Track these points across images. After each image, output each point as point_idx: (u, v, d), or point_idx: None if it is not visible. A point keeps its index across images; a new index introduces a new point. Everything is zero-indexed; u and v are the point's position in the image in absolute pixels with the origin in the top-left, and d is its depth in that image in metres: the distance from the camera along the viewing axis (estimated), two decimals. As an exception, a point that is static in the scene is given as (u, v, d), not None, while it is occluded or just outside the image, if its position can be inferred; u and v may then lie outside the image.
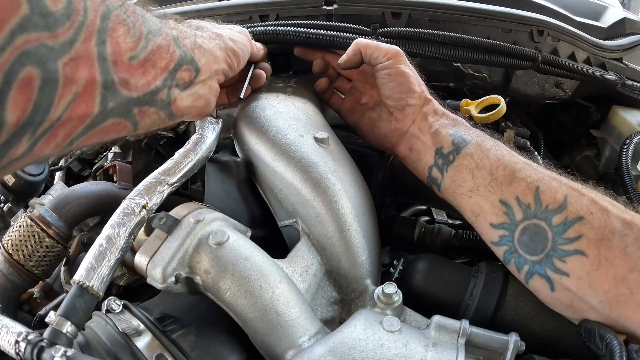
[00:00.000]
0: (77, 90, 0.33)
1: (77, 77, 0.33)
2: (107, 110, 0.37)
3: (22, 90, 0.29)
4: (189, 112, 0.51)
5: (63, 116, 0.33)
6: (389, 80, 0.63)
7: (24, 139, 0.31)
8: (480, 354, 0.45)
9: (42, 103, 0.31)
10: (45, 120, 0.32)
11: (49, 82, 0.31)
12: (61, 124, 0.33)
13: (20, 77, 0.28)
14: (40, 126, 0.32)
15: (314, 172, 0.55)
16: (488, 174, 0.53)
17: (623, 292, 0.44)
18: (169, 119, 0.47)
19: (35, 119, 0.31)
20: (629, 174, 0.82)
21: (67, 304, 0.42)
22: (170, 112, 0.46)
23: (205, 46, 0.51)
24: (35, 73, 0.29)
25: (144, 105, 0.42)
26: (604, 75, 0.92)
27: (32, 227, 0.60)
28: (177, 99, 0.47)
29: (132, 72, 0.39)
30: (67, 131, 0.35)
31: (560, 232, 0.47)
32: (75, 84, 0.33)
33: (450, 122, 0.60)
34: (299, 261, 0.53)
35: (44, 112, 0.31)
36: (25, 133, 0.31)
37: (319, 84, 0.72)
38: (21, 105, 0.29)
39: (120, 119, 0.40)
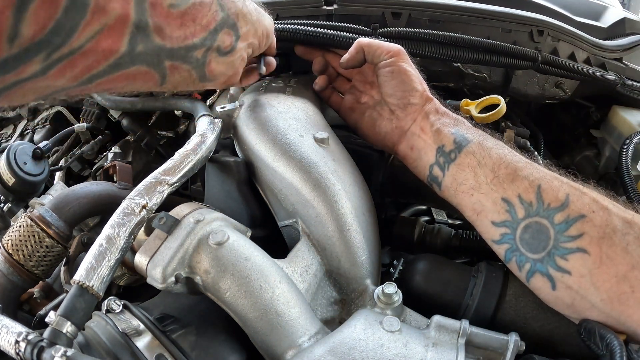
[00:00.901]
0: (107, 22, 0.31)
1: (110, 8, 0.31)
2: (134, 52, 0.35)
3: (46, 5, 0.27)
4: (218, 79, 0.49)
5: (86, 46, 0.31)
6: (391, 78, 0.63)
7: (37, 58, 0.29)
8: (480, 354, 0.45)
9: (65, 25, 0.29)
10: (65, 44, 0.30)
11: (77, 4, 0.29)
12: (83, 54, 0.31)
13: None
14: (59, 50, 0.30)
15: (314, 172, 0.55)
16: (490, 172, 0.53)
17: (624, 290, 0.44)
18: (199, 81, 0.46)
19: (54, 40, 0.29)
20: (629, 174, 0.82)
21: (67, 304, 0.42)
22: (203, 73, 0.45)
23: (249, 16, 0.49)
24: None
25: (176, 60, 0.40)
26: (604, 75, 0.92)
27: (32, 227, 0.60)
28: (213, 62, 0.45)
29: (170, 20, 0.37)
30: (89, 64, 0.33)
31: (562, 230, 0.47)
32: (105, 15, 0.31)
33: (451, 122, 0.60)
34: (299, 261, 0.53)
35: (66, 36, 0.29)
36: (39, 52, 0.29)
37: (318, 82, 0.72)
38: (41, 21, 0.27)
39: (148, 68, 0.38)
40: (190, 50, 0.41)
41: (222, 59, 0.46)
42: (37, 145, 0.83)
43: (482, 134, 0.58)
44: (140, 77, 0.38)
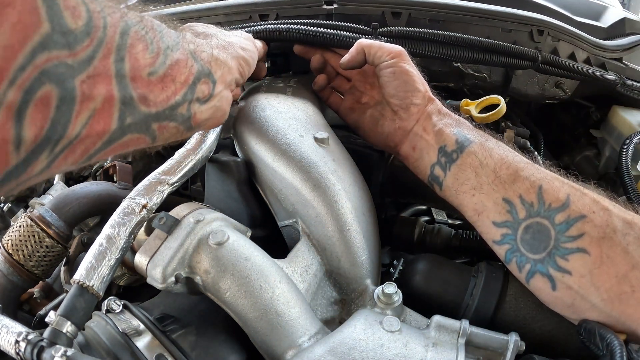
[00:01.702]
0: (95, 107, 0.33)
1: (95, 94, 0.33)
2: (125, 126, 0.37)
3: (39, 108, 0.29)
4: (206, 124, 0.51)
5: (82, 133, 0.33)
6: (393, 79, 0.63)
7: (43, 156, 0.31)
8: (480, 354, 0.45)
9: (59, 120, 0.30)
10: (63, 137, 0.31)
11: (67, 100, 0.30)
12: (80, 141, 0.33)
13: (39, 95, 0.29)
14: (59, 143, 0.31)
15: (314, 172, 0.55)
16: (492, 172, 0.53)
17: (624, 290, 0.44)
18: (187, 131, 0.47)
19: (53, 137, 0.31)
20: (629, 174, 0.82)
21: (67, 304, 0.42)
22: (189, 125, 0.47)
23: (221, 58, 0.51)
24: (53, 91, 0.29)
25: (163, 121, 0.42)
26: (604, 75, 0.92)
27: (32, 227, 0.60)
28: (197, 112, 0.47)
29: (151, 87, 0.39)
30: (86, 147, 0.34)
31: (563, 230, 0.47)
32: (92, 101, 0.33)
33: (453, 122, 0.60)
34: (299, 261, 0.53)
35: (62, 130, 0.31)
36: (43, 150, 0.31)
37: (317, 81, 0.72)
38: (38, 123, 0.29)
39: (139, 134, 0.39)
40: (174, 109, 0.42)
41: (204, 107, 0.48)
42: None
43: (483, 134, 0.58)
44: (132, 143, 0.40)
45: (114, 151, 0.38)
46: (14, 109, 0.27)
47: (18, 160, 0.29)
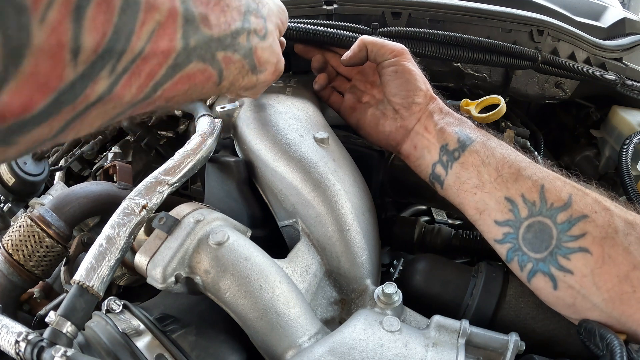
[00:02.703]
0: (159, 19, 0.30)
1: (159, 3, 0.29)
2: (189, 47, 0.34)
3: (102, 8, 0.25)
4: (267, 68, 0.48)
5: (146, 49, 0.29)
6: (395, 77, 0.63)
7: (104, 73, 0.27)
8: (480, 354, 0.45)
9: (123, 28, 0.26)
10: (127, 50, 0.27)
11: (131, 4, 0.27)
12: (144, 59, 0.30)
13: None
14: (122, 58, 0.28)
15: (314, 172, 0.55)
16: (494, 171, 0.53)
17: (626, 290, 0.44)
18: (252, 73, 0.45)
19: (116, 47, 0.27)
20: (629, 174, 0.82)
21: (67, 304, 0.42)
22: (253, 63, 0.44)
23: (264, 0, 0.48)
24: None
25: (227, 50, 0.39)
26: (604, 75, 0.92)
27: (32, 227, 0.60)
28: (258, 47, 0.44)
29: (211, 7, 0.36)
30: (151, 69, 0.31)
31: (565, 230, 0.47)
32: (157, 11, 0.29)
33: (455, 121, 0.60)
34: (299, 261, 0.53)
35: (126, 40, 0.27)
36: (105, 64, 0.26)
37: (318, 80, 0.72)
38: (100, 27, 0.25)
39: (204, 64, 0.37)
40: (235, 37, 0.40)
41: (263, 44, 0.45)
42: (37, 145, 0.82)
43: (485, 133, 0.58)
44: (199, 76, 0.37)
45: (181, 83, 0.35)
46: (72, 3, 0.23)
47: (75, 75, 0.25)
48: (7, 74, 0.22)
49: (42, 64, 0.23)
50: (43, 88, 0.24)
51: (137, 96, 0.31)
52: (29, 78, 0.23)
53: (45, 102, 0.24)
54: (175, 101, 0.37)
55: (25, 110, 0.24)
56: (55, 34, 0.23)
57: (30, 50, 0.22)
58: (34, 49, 0.22)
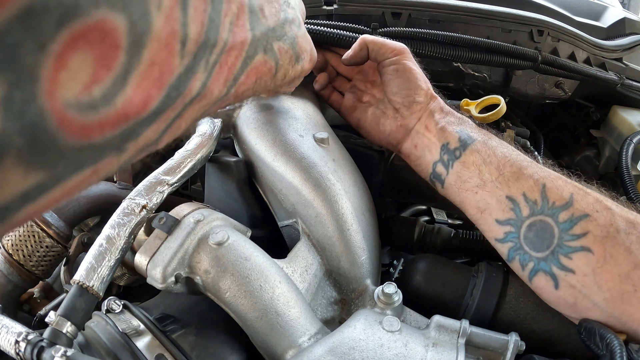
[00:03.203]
0: (235, 10, 0.30)
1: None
2: (256, 38, 0.34)
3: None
4: (305, 57, 0.49)
5: (229, 40, 0.29)
6: (396, 76, 0.63)
7: (201, 66, 0.26)
8: (480, 354, 0.45)
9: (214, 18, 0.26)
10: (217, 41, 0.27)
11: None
12: (227, 51, 0.29)
13: None
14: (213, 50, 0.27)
15: (314, 172, 0.55)
16: (495, 170, 0.53)
17: (627, 289, 0.44)
18: (296, 60, 0.45)
19: (210, 38, 0.26)
20: (629, 174, 0.82)
21: (67, 304, 0.42)
22: (297, 51, 0.45)
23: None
24: None
25: (280, 40, 0.40)
26: (604, 75, 0.92)
27: (32, 227, 0.60)
28: (298, 36, 0.45)
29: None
30: (232, 61, 0.31)
31: (566, 229, 0.47)
32: (233, 2, 0.29)
33: (456, 120, 0.60)
34: (299, 261, 0.53)
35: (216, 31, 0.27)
36: (202, 56, 0.26)
37: (318, 80, 0.72)
38: (201, 16, 0.24)
39: (265, 55, 0.37)
40: (283, 26, 0.41)
41: (300, 32, 0.46)
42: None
43: (486, 133, 0.58)
44: (262, 68, 0.37)
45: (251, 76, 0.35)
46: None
47: (182, 67, 0.24)
48: (130, 64, 0.21)
49: (159, 53, 0.22)
50: (158, 81, 0.23)
51: (222, 91, 0.31)
52: (149, 69, 0.22)
53: (160, 98, 0.23)
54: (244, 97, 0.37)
55: (144, 107, 0.23)
56: (169, 20, 0.22)
57: (150, 37, 0.21)
58: (154, 36, 0.21)
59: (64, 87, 0.18)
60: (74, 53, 0.18)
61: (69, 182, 0.20)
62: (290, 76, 0.47)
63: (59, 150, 0.19)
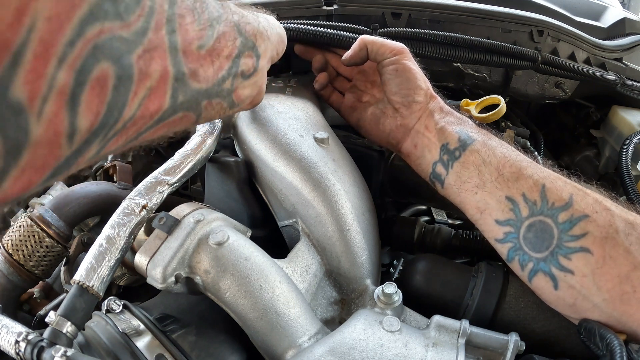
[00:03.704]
0: (151, 85, 0.30)
1: (151, 70, 0.30)
2: (177, 104, 0.34)
3: (96, 91, 0.25)
4: (245, 102, 0.49)
5: (136, 115, 0.30)
6: (396, 76, 0.63)
7: (95, 144, 0.27)
8: (480, 354, 0.45)
9: (116, 103, 0.27)
10: (118, 121, 0.28)
11: (124, 78, 0.27)
12: (133, 123, 0.30)
13: (94, 75, 0.25)
14: (113, 128, 0.28)
15: (314, 172, 0.55)
16: (495, 170, 0.53)
17: (626, 290, 0.44)
18: (229, 109, 0.45)
19: (108, 122, 0.27)
20: (629, 174, 0.82)
21: (67, 304, 0.42)
22: (232, 101, 0.45)
23: (265, 33, 0.48)
24: (109, 70, 0.26)
25: (211, 98, 0.40)
26: (604, 75, 0.92)
27: (32, 227, 0.60)
28: (239, 87, 0.45)
29: (201, 62, 0.36)
30: (137, 129, 0.31)
31: (566, 229, 0.47)
32: (149, 79, 0.30)
33: (455, 120, 0.60)
34: (299, 261, 0.53)
35: (118, 113, 0.28)
36: (96, 138, 0.27)
37: (319, 79, 0.72)
38: (94, 109, 0.26)
39: (187, 112, 0.37)
40: (220, 84, 0.41)
41: (246, 82, 0.46)
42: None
43: (486, 133, 0.58)
44: (179, 122, 0.37)
45: (161, 130, 0.36)
46: (67, 94, 0.23)
47: (70, 153, 0.26)
48: (7, 167, 0.22)
49: (39, 152, 0.24)
50: (40, 171, 0.25)
51: (120, 148, 0.32)
52: (28, 166, 0.23)
53: (42, 179, 0.25)
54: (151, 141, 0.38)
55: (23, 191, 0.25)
56: (52, 125, 0.23)
57: (28, 144, 0.23)
58: (32, 142, 0.23)
59: None
60: None
61: None
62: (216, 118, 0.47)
63: None
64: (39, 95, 0.22)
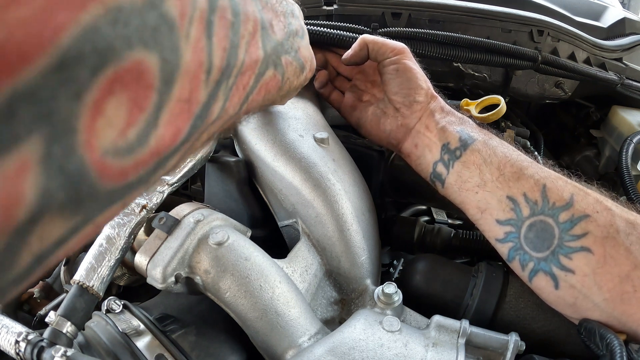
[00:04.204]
0: (250, 29, 0.30)
1: (249, 14, 0.29)
2: (267, 55, 0.34)
3: (223, 22, 0.24)
4: (307, 67, 0.48)
5: (245, 61, 0.29)
6: (397, 76, 0.63)
7: (221, 91, 0.26)
8: (480, 354, 0.45)
9: (234, 42, 0.26)
10: (235, 64, 0.27)
11: (236, 15, 0.26)
12: (243, 72, 0.29)
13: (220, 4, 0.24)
14: (232, 72, 0.27)
15: (314, 172, 0.55)
16: (496, 170, 0.53)
17: (627, 289, 0.45)
18: (300, 71, 0.45)
19: (230, 62, 0.26)
20: (629, 174, 0.82)
21: (67, 304, 0.42)
22: (301, 62, 0.44)
23: None
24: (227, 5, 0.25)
25: (287, 53, 0.40)
26: (604, 75, 0.92)
27: (32, 227, 0.60)
28: (301, 47, 0.45)
29: (272, 14, 0.36)
30: (245, 82, 0.31)
31: (567, 229, 0.48)
32: (250, 22, 0.29)
33: (456, 120, 0.60)
34: (299, 261, 0.53)
35: (235, 54, 0.27)
36: (222, 81, 0.26)
37: (319, 77, 0.72)
38: (223, 43, 0.25)
39: (274, 70, 0.37)
40: (288, 39, 0.41)
41: (303, 43, 0.46)
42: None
43: (486, 132, 0.58)
44: (271, 83, 0.37)
45: (261, 92, 0.35)
46: (204, 20, 0.22)
47: (206, 97, 0.24)
48: (161, 102, 0.21)
49: (187, 87, 0.22)
50: (186, 114, 0.23)
51: (235, 110, 0.30)
52: (178, 103, 0.22)
53: (187, 129, 0.23)
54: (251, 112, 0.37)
55: (174, 140, 0.23)
56: (196, 52, 0.22)
57: (179, 72, 0.21)
58: (183, 70, 0.21)
59: (102, 135, 0.18)
60: (109, 98, 0.18)
61: (99, 219, 0.20)
62: (294, 87, 0.47)
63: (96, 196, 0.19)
64: (187, 14, 0.21)
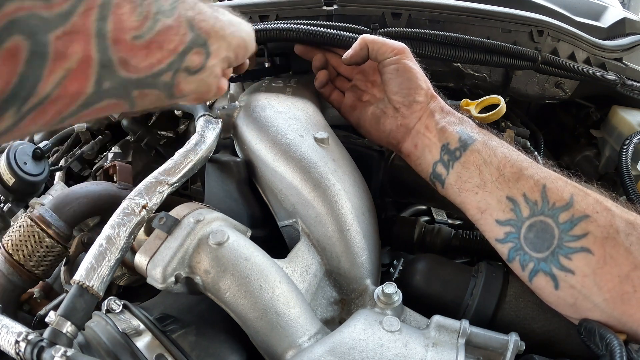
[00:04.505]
0: (70, 66, 0.31)
1: (70, 52, 0.31)
2: (102, 90, 0.35)
3: (7, 59, 0.28)
4: (189, 96, 0.48)
5: (53, 93, 0.31)
6: (397, 76, 0.63)
7: (8, 114, 0.30)
8: (480, 354, 0.45)
9: (29, 77, 0.29)
10: (32, 95, 0.30)
11: (38, 55, 0.29)
12: (51, 102, 0.32)
13: (6, 46, 0.27)
14: (27, 101, 0.30)
15: (314, 172, 0.55)
16: (496, 170, 0.53)
17: (627, 290, 0.45)
18: (168, 99, 0.45)
19: (20, 93, 0.29)
20: (629, 174, 0.82)
21: (67, 304, 0.42)
22: (171, 93, 0.44)
23: (222, 32, 0.48)
24: (22, 44, 0.28)
25: (144, 88, 0.40)
26: (604, 75, 0.92)
27: (32, 227, 0.60)
28: (182, 82, 0.44)
29: (135, 52, 0.36)
30: (59, 109, 0.33)
31: (567, 230, 0.48)
32: (67, 60, 0.31)
33: (456, 120, 0.60)
34: (299, 261, 0.53)
35: (31, 87, 0.30)
36: (9, 107, 0.29)
37: (319, 77, 0.72)
38: (5, 77, 0.28)
39: (117, 100, 0.38)
40: (157, 77, 0.41)
41: (191, 78, 0.45)
42: (37, 145, 0.83)
43: (486, 133, 0.58)
44: (109, 109, 0.38)
45: (90, 115, 0.37)
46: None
47: None
48: None
49: None
50: None
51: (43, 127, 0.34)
52: None
53: None
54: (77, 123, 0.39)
55: None
56: None
57: None
58: None
59: None
60: None
61: None
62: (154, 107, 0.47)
63: None
64: None
